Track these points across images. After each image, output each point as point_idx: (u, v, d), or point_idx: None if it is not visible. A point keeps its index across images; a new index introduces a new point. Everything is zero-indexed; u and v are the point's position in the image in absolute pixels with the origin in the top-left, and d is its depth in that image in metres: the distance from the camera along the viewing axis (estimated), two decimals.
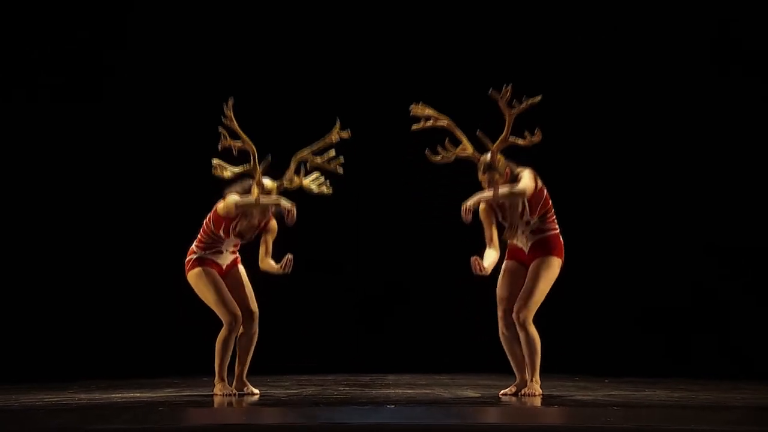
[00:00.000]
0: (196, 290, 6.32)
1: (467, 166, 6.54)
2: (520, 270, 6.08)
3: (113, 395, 6.28)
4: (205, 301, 6.30)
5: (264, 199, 6.14)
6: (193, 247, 6.33)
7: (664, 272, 9.23)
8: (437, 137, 9.43)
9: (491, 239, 6.09)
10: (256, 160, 6.24)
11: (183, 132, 9.06)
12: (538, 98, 5.99)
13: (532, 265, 6.02)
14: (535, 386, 6.01)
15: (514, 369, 6.14)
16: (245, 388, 6.34)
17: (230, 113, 6.27)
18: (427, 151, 6.18)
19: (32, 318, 9.10)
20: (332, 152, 6.34)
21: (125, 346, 9.11)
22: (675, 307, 9.17)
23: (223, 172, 6.27)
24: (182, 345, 8.79)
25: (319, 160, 6.34)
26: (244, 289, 6.33)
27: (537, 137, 5.99)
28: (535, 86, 6.10)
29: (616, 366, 8.46)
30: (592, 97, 9.24)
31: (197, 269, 6.25)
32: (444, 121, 6.21)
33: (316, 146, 6.34)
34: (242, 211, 6.19)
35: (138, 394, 6.33)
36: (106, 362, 8.84)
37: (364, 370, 8.80)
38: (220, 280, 6.26)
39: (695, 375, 8.03)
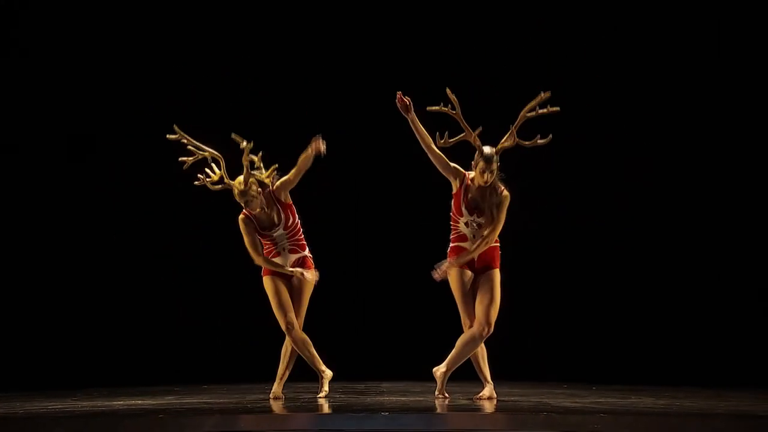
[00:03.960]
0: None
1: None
2: (470, 275, 6.48)
3: (115, 402, 6.34)
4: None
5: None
6: None
7: (651, 280, 9.31)
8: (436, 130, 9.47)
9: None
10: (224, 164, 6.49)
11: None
12: (556, 109, 6.18)
13: (486, 277, 6.39)
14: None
15: (483, 372, 6.58)
16: (280, 393, 6.67)
17: (181, 134, 6.48)
18: (437, 135, 6.34)
19: (35, 327, 9.17)
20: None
21: (126, 355, 9.18)
22: (660, 316, 9.24)
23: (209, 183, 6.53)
24: (182, 353, 8.88)
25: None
26: (299, 303, 6.67)
27: (545, 141, 6.20)
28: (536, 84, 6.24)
29: (603, 374, 8.56)
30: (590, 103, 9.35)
31: (266, 276, 6.66)
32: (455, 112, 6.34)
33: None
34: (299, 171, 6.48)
35: (139, 402, 6.38)
36: (107, 370, 8.92)
37: (359, 377, 8.86)
38: (282, 289, 6.59)
39: (680, 383, 8.10)
